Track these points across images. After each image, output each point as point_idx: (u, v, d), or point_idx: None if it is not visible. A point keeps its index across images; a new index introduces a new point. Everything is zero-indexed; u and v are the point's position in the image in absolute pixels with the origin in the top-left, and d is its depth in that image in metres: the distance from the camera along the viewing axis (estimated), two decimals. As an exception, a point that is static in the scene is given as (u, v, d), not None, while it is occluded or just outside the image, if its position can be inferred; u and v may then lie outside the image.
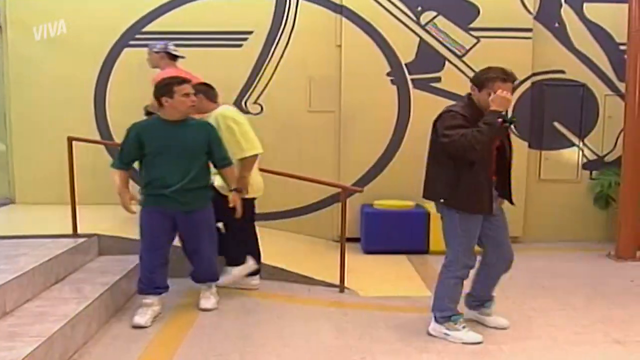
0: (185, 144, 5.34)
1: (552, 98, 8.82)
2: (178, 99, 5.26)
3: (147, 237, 5.45)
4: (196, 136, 5.41)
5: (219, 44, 8.50)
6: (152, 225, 5.42)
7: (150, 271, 5.49)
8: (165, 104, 5.28)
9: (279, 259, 6.99)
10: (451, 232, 5.10)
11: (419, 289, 6.59)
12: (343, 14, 8.48)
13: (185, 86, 5.33)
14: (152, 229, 5.42)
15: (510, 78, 4.98)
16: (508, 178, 5.24)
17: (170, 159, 5.29)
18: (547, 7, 8.73)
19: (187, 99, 5.31)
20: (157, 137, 5.28)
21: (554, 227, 8.98)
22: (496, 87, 4.88)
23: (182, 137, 5.33)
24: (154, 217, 5.40)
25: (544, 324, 5.48)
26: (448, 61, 8.60)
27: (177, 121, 5.34)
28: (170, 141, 5.29)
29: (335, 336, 5.19)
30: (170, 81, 5.32)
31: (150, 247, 5.46)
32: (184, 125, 5.37)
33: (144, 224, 5.44)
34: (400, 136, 8.62)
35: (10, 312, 4.75)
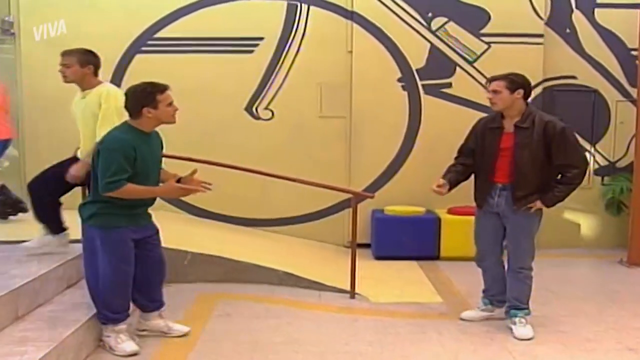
0: (157, 156, 4.97)
1: (563, 104, 8.79)
2: (163, 109, 4.75)
3: (125, 260, 4.77)
4: (158, 146, 5.02)
5: (231, 50, 8.54)
6: (128, 248, 4.79)
7: (127, 294, 4.91)
8: (148, 115, 4.69)
9: (289, 265, 6.99)
10: None
11: (429, 295, 6.58)
12: (354, 20, 8.50)
13: (169, 93, 4.81)
14: (127, 252, 4.79)
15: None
16: (519, 182, 5.23)
17: (147, 174, 4.78)
18: (558, 13, 8.72)
19: (172, 109, 4.81)
20: (143, 151, 4.70)
21: (566, 233, 8.95)
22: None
23: (155, 148, 4.93)
24: (126, 237, 4.77)
25: (555, 330, 5.46)
26: (459, 67, 8.60)
27: (149, 132, 4.83)
28: (149, 154, 4.79)
29: (346, 342, 5.19)
30: (152, 89, 4.73)
31: (128, 270, 4.81)
32: (152, 136, 4.90)
33: (121, 246, 4.75)
34: (411, 142, 8.62)
35: (22, 317, 4.76)
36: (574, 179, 5.19)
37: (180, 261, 6.78)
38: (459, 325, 5.60)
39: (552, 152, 5.13)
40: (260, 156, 8.25)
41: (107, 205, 4.66)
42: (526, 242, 5.40)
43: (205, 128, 8.49)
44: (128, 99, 4.75)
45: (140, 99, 4.69)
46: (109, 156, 4.57)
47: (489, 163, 5.36)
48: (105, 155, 4.58)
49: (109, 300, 4.77)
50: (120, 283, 4.78)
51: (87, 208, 4.76)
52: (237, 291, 6.57)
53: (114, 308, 4.79)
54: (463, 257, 7.78)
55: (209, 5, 8.50)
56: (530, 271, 5.43)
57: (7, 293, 4.60)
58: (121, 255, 4.74)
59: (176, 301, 6.10)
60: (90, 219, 4.71)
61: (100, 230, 4.69)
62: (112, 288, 4.74)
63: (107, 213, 4.67)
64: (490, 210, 5.43)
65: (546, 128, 5.11)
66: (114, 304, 4.79)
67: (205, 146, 8.21)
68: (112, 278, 4.72)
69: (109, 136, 4.72)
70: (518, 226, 5.36)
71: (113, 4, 8.47)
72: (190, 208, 8.63)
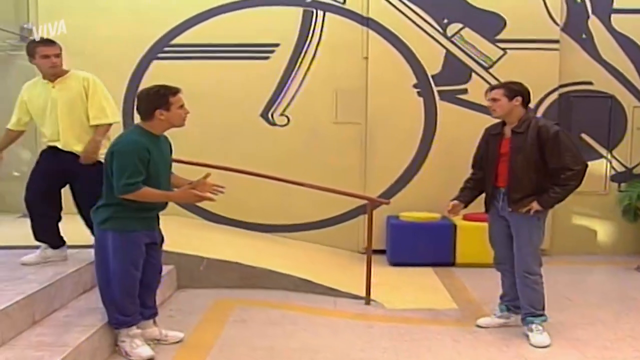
0: (167, 160, 4.94)
1: (579, 109, 8.77)
2: (175, 111, 4.72)
3: (135, 264, 4.79)
4: (167, 149, 4.98)
5: (247, 56, 8.57)
6: (141, 252, 4.82)
7: (136, 297, 4.89)
8: (160, 117, 4.67)
9: (304, 271, 7.00)
10: None
11: (445, 302, 6.57)
12: (370, 26, 8.51)
13: (180, 96, 4.77)
14: (139, 256, 4.82)
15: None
16: (514, 184, 5.34)
17: (158, 178, 4.75)
18: (575, 19, 8.70)
19: (183, 112, 4.77)
20: (154, 154, 4.69)
21: (582, 239, 8.93)
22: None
23: (165, 152, 4.90)
24: (140, 241, 4.80)
25: (571, 338, 5.43)
26: (474, 73, 8.59)
27: (159, 135, 4.83)
28: (160, 158, 4.78)
29: (361, 348, 5.19)
30: (164, 91, 4.70)
31: (137, 275, 4.83)
32: (162, 139, 4.89)
33: (135, 250, 4.76)
34: (427, 148, 8.62)
35: (39, 322, 4.80)
36: (569, 180, 5.19)
37: (196, 267, 6.81)
38: (475, 332, 5.59)
39: (546, 155, 5.22)
40: (275, 162, 8.27)
41: (122, 208, 4.66)
42: (526, 246, 5.38)
43: (221, 134, 8.53)
44: (141, 101, 4.73)
45: (153, 101, 4.67)
46: (124, 159, 4.55)
47: (492, 168, 5.51)
48: (120, 157, 4.57)
49: (121, 303, 4.77)
50: (130, 286, 4.80)
51: (101, 212, 4.74)
52: (253, 297, 6.59)
53: (125, 311, 4.80)
54: (478, 264, 7.79)
55: (224, 12, 8.55)
56: (537, 277, 5.39)
57: (24, 298, 4.64)
58: (133, 259, 4.75)
59: (192, 307, 6.13)
60: (104, 223, 4.71)
61: (114, 233, 4.68)
62: (122, 291, 4.75)
63: (122, 217, 4.67)
64: (497, 214, 5.52)
65: (539, 132, 5.23)
66: (125, 307, 4.79)
67: (221, 152, 8.25)
68: (123, 281, 4.73)
69: (122, 139, 4.72)
70: (517, 229, 5.40)
71: (130, 11, 8.53)
72: (206, 214, 8.66)
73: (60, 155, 5.56)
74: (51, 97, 5.50)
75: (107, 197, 4.71)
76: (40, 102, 5.52)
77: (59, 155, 5.56)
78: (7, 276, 5.19)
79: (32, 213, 5.66)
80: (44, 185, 5.57)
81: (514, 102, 5.34)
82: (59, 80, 5.52)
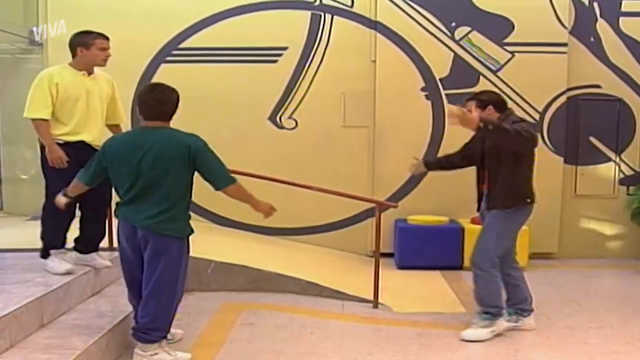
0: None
1: (588, 113, 8.75)
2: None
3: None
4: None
5: (255, 59, 8.57)
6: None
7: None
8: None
9: (312, 274, 7.01)
10: None
11: (453, 306, 6.56)
12: (377, 29, 8.51)
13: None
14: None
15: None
16: (491, 186, 5.54)
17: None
18: (583, 22, 8.67)
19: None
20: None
21: (590, 243, 8.89)
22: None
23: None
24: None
25: (580, 342, 5.42)
26: (482, 76, 8.57)
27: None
28: None
29: (369, 352, 5.19)
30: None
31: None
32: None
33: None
34: (435, 151, 8.58)
35: (47, 325, 4.81)
36: (521, 133, 5.18)
37: (203, 270, 6.83)
38: (483, 336, 5.58)
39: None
40: (283, 165, 8.27)
41: (185, 212, 4.70)
42: (483, 239, 5.52)
43: (229, 137, 8.53)
44: (177, 102, 4.76)
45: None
46: (214, 154, 4.75)
47: (478, 169, 5.74)
48: (212, 152, 4.74)
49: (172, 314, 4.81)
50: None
51: (169, 219, 4.58)
52: (261, 300, 6.60)
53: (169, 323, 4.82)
54: (487, 267, 7.77)
55: (233, 15, 8.55)
56: (484, 274, 5.45)
57: (33, 300, 4.67)
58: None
59: (199, 310, 6.15)
60: (178, 229, 4.66)
61: (181, 240, 4.68)
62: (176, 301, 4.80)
63: (185, 219, 4.71)
64: (482, 217, 5.77)
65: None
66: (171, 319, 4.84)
67: (229, 155, 8.12)
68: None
69: (196, 136, 4.77)
70: (485, 226, 5.60)
71: (139, 14, 8.53)
72: (213, 217, 8.66)
73: (83, 151, 5.46)
74: (86, 88, 5.51)
75: (171, 200, 4.57)
76: (74, 90, 5.44)
77: (80, 151, 5.46)
78: (15, 279, 5.23)
79: (61, 216, 5.43)
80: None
81: (487, 112, 5.49)
82: (92, 75, 5.60)
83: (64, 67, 5.51)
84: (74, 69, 5.50)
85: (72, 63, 5.53)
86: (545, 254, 8.64)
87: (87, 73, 5.55)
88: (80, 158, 5.40)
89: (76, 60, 5.52)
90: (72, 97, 5.42)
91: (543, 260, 8.46)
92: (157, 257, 4.53)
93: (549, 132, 8.62)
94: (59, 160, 5.31)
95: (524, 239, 7.93)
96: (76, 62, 5.52)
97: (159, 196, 4.51)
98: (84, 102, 5.49)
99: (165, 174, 4.49)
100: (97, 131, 5.62)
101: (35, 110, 5.30)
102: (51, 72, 5.42)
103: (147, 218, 4.49)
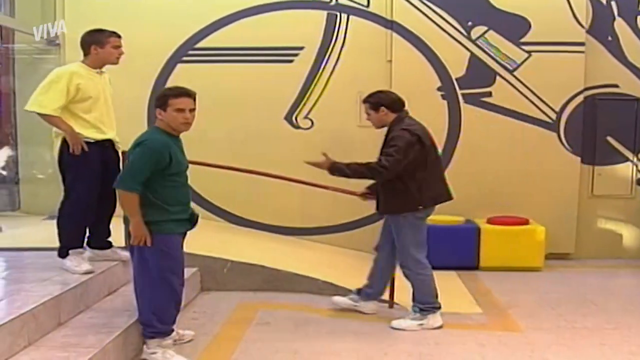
0: (185, 159, 4.95)
1: (605, 113, 8.69)
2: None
3: (179, 266, 4.87)
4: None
5: (271, 59, 8.58)
6: (182, 254, 4.93)
7: (178, 303, 4.99)
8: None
9: (328, 274, 7.01)
10: None
11: (469, 306, 6.55)
12: (393, 29, 8.50)
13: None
14: (182, 258, 4.93)
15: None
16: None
17: (184, 178, 4.89)
18: (600, 21, 8.62)
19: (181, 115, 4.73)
20: (176, 153, 4.74)
21: (607, 243, 8.84)
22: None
23: (182, 152, 4.93)
24: (180, 243, 4.92)
25: (597, 343, 5.39)
26: (499, 76, 8.54)
27: (177, 136, 4.87)
28: (183, 157, 4.87)
29: (385, 352, 5.18)
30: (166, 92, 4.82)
31: (180, 280, 4.91)
32: (178, 140, 4.92)
33: (176, 253, 4.83)
34: (451, 151, 8.58)
35: (65, 323, 4.84)
36: (370, 166, 5.53)
37: (219, 269, 6.85)
38: (499, 336, 5.57)
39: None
40: (299, 165, 8.24)
41: (152, 210, 4.71)
42: (398, 241, 5.84)
43: (245, 137, 8.55)
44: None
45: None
46: (139, 159, 4.67)
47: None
48: (139, 156, 4.67)
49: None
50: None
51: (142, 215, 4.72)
52: (276, 300, 6.60)
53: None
54: (503, 267, 7.78)
55: (249, 15, 8.56)
56: (410, 272, 5.88)
57: (51, 299, 4.70)
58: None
59: (215, 309, 6.17)
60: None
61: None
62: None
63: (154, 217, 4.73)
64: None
65: (390, 130, 5.74)
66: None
67: (245, 154, 8.27)
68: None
69: (144, 138, 4.74)
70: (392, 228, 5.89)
71: (155, 15, 8.57)
72: (230, 216, 8.68)
73: (107, 150, 5.58)
74: (101, 86, 5.57)
75: (142, 200, 4.72)
76: (93, 89, 5.47)
77: (103, 150, 5.54)
78: (33, 277, 5.26)
79: (80, 217, 5.51)
80: (99, 186, 5.50)
81: (381, 113, 5.76)
82: (103, 74, 5.66)
83: (81, 66, 5.52)
84: (89, 67, 5.53)
85: (86, 61, 5.55)
86: (562, 255, 8.59)
87: (100, 71, 5.60)
88: (103, 157, 5.47)
89: (90, 59, 5.54)
90: (93, 97, 5.45)
91: (560, 261, 8.42)
92: (132, 254, 4.82)
93: (565, 132, 8.57)
94: (80, 146, 5.31)
95: (541, 239, 7.93)
96: (90, 61, 5.54)
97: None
98: (103, 101, 5.54)
99: None
100: (113, 126, 5.68)
101: (47, 106, 5.28)
102: (72, 72, 5.40)
103: None
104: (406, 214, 5.66)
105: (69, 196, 5.46)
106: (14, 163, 9.14)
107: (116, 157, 5.69)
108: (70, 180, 5.45)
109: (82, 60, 5.56)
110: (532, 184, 8.58)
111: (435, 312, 5.80)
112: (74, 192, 5.40)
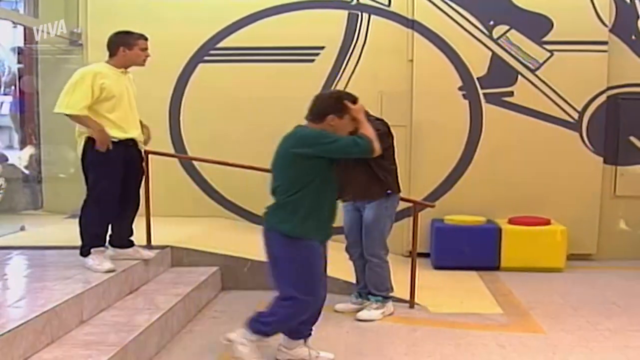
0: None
1: (628, 112, 8.62)
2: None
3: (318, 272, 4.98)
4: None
5: (292, 59, 8.61)
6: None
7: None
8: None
9: (349, 274, 6.99)
10: None
11: (490, 306, 6.51)
12: (415, 28, 8.48)
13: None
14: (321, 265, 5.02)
15: None
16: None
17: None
18: (624, 19, 8.55)
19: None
20: None
21: (630, 244, 8.76)
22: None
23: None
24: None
25: (620, 345, 5.34)
26: (521, 75, 8.50)
27: None
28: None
29: (405, 352, 5.18)
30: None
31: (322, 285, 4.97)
32: None
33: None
34: (472, 151, 8.55)
35: (87, 321, 4.89)
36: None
37: (240, 269, 6.87)
38: (520, 337, 5.53)
39: None
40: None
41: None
42: (373, 231, 6.15)
43: (266, 136, 8.46)
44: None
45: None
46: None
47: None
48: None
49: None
50: None
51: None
52: (297, 299, 6.60)
53: None
54: (524, 268, 7.75)
55: (270, 15, 8.59)
56: (380, 261, 6.16)
57: (73, 297, 4.74)
58: None
59: (237, 308, 6.17)
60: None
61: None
62: None
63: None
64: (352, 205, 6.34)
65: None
66: None
67: (266, 154, 8.21)
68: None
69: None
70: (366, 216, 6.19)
71: (177, 15, 8.62)
72: (250, 216, 8.68)
73: (130, 150, 5.64)
74: (126, 86, 5.62)
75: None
76: (118, 88, 5.51)
77: (126, 149, 5.59)
78: (56, 275, 5.31)
79: (103, 215, 5.57)
80: (121, 185, 5.57)
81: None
82: (128, 74, 5.71)
83: (105, 66, 5.56)
84: (114, 67, 5.56)
85: (111, 62, 5.59)
86: (583, 255, 8.54)
87: (124, 71, 5.64)
88: (126, 156, 5.52)
89: (116, 59, 5.58)
90: (117, 96, 5.48)
91: (581, 262, 8.37)
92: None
93: (588, 131, 8.51)
94: (107, 145, 5.35)
95: (562, 240, 7.88)
96: (116, 61, 5.58)
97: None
98: (126, 100, 5.58)
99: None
100: (139, 128, 5.71)
101: (74, 106, 5.31)
102: (97, 71, 5.44)
103: None
104: (388, 204, 6.04)
105: (91, 195, 5.50)
106: (37, 162, 9.22)
107: (139, 156, 5.74)
108: (93, 179, 5.48)
109: (106, 61, 5.60)
110: (554, 184, 8.53)
111: (390, 298, 6.18)
112: (96, 191, 5.44)
